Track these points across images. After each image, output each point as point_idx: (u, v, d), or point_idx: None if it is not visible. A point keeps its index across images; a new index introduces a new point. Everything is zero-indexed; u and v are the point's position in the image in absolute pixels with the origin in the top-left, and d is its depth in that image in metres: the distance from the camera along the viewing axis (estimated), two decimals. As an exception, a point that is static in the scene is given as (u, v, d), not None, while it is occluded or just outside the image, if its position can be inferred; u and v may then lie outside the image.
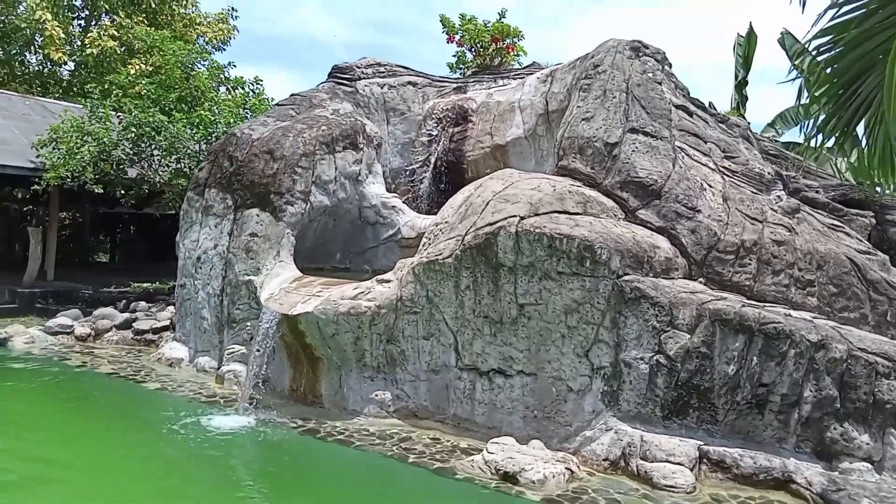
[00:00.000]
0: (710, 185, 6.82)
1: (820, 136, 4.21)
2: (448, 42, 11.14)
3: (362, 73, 10.10)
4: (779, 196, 7.10)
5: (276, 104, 9.78)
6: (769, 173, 7.30)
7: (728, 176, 7.08)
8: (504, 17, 10.88)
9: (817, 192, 7.71)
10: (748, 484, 5.35)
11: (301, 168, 8.05)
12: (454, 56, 11.46)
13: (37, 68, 19.92)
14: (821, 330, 5.60)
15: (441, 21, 11.18)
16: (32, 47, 19.05)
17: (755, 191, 7.03)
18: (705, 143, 7.40)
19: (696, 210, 6.49)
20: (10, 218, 20.26)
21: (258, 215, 7.95)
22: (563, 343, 5.96)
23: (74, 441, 6.06)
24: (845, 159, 10.68)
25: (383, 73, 10.27)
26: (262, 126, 8.62)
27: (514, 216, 6.10)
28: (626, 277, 5.78)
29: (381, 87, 10.17)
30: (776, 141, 11.78)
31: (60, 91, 18.87)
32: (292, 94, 9.52)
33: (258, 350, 6.91)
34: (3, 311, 11.81)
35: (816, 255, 6.58)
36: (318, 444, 6.09)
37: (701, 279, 6.29)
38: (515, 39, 10.87)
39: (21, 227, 18.18)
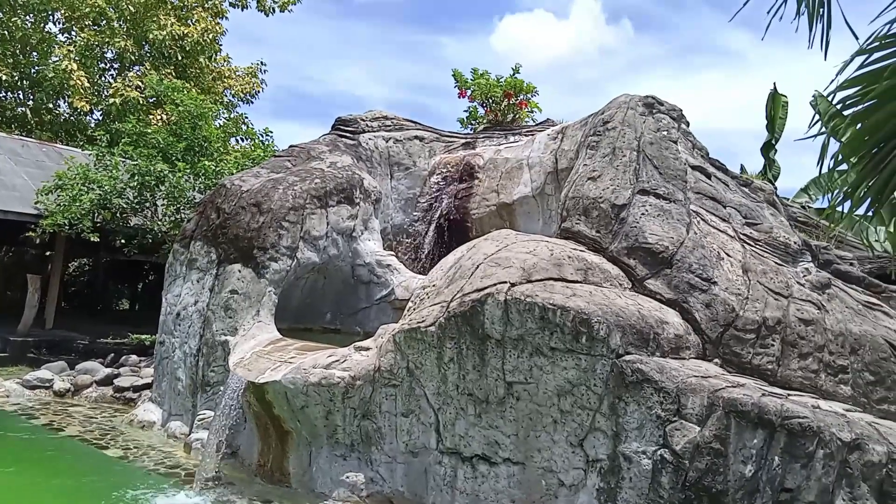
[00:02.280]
0: (728, 255, 6.13)
1: (847, 203, 3.54)
2: (459, 97, 10.77)
3: (367, 125, 9.74)
4: (807, 269, 6.37)
5: (274, 156, 9.44)
6: (796, 243, 6.59)
7: (749, 245, 6.38)
8: (518, 72, 10.50)
9: (851, 264, 6.96)
10: None
11: (288, 222, 7.58)
12: (466, 111, 11.08)
13: (64, 117, 20.22)
14: (855, 427, 4.79)
15: (453, 76, 10.85)
16: (60, 96, 19.35)
17: (780, 262, 6.31)
18: (724, 207, 6.74)
19: (711, 281, 5.80)
20: (27, 263, 20.24)
21: (240, 271, 7.45)
22: (555, 429, 5.22)
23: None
24: (884, 228, 9.87)
25: (389, 126, 9.90)
26: (254, 177, 8.22)
27: (504, 282, 5.47)
28: (628, 357, 5.07)
29: (387, 141, 9.79)
30: (808, 207, 11.04)
31: (84, 139, 19.04)
32: (291, 146, 9.15)
33: (221, 420, 6.29)
34: (-7, 359, 11.44)
35: (850, 337, 5.80)
36: (274, 534, 5.39)
37: (716, 360, 5.55)
38: (529, 95, 10.45)
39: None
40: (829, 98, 3.53)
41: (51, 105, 20.04)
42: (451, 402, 5.63)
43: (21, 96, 20.43)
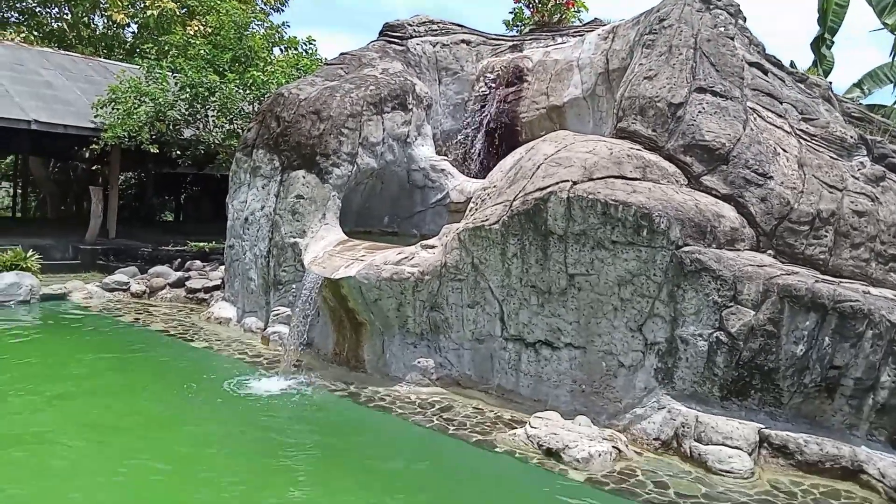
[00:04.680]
0: (784, 150, 6.26)
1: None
2: (505, -2, 10.64)
3: (414, 31, 9.75)
4: (862, 162, 6.47)
5: (326, 64, 9.57)
6: (852, 137, 6.65)
7: (805, 140, 6.48)
8: (565, -30, 10.28)
9: (905, 158, 7.01)
10: (812, 472, 4.95)
11: (348, 129, 7.84)
12: (511, 13, 10.96)
13: (102, 31, 20.28)
14: (904, 310, 5.07)
15: (498, -24, 10.66)
16: (98, 10, 19.35)
17: (835, 156, 6.42)
18: (781, 103, 6.79)
19: (767, 176, 5.97)
20: (79, 177, 20.92)
21: (304, 177, 7.80)
22: (615, 316, 5.61)
23: (115, 396, 6.14)
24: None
25: (436, 31, 9.89)
26: (310, 86, 8.42)
27: (567, 181, 5.73)
28: (686, 248, 5.36)
29: (434, 46, 9.81)
30: (859, 103, 10.87)
31: (124, 53, 19.19)
32: (342, 54, 9.26)
33: (300, 313, 6.81)
34: (66, 266, 12.21)
35: (902, 228, 5.99)
36: (358, 410, 5.97)
37: (770, 251, 5.81)
38: (576, -6, 10.28)
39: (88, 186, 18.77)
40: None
41: (87, 19, 20.08)
42: (515, 294, 6.04)
43: (57, 11, 20.46)
